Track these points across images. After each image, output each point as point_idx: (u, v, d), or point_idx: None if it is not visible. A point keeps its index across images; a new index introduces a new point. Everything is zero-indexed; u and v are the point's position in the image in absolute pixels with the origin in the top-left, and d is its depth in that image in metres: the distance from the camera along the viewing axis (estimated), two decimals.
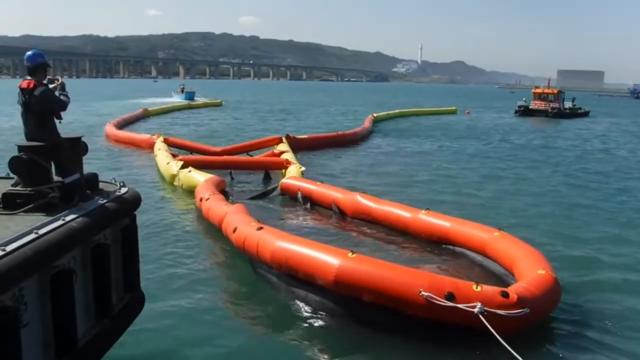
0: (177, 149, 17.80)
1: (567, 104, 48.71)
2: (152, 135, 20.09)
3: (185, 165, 13.55)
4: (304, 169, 13.84)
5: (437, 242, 8.46)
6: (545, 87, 51.36)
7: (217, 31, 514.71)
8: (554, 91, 49.25)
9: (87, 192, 4.27)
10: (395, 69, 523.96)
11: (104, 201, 4.20)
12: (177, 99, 54.30)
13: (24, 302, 3.04)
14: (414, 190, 13.62)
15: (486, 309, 5.23)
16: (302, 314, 6.16)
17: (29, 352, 3.06)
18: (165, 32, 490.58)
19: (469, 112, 49.59)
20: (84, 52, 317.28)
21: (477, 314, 5.22)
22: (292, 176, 12.63)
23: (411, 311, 5.54)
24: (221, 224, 8.41)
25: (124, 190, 4.62)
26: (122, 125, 27.01)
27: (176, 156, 15.21)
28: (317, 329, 5.89)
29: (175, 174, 13.40)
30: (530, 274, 6.12)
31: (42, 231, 3.22)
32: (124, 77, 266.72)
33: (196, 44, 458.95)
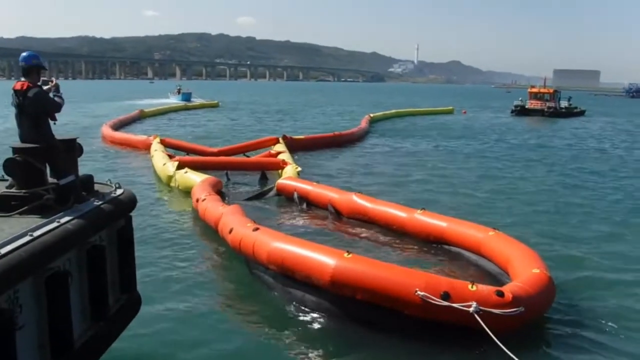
0: (174, 149, 17.78)
1: (563, 104, 48.84)
2: (149, 136, 20.09)
3: (181, 166, 13.54)
4: (300, 169, 13.86)
5: (432, 241, 8.49)
6: (541, 87, 51.46)
7: (214, 32, 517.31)
8: (550, 91, 49.38)
9: (83, 193, 4.26)
10: (391, 69, 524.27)
11: (100, 203, 4.18)
12: (173, 100, 54.04)
13: (19, 305, 3.03)
14: (410, 190, 13.65)
15: (481, 308, 5.26)
16: (299, 315, 6.17)
17: (25, 355, 3.05)
18: (161, 33, 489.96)
19: (465, 112, 49.69)
20: (80, 53, 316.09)
21: (472, 313, 5.25)
22: (289, 177, 12.64)
23: (407, 311, 5.56)
24: (217, 225, 8.41)
25: (119, 191, 4.60)
26: (119, 126, 26.98)
27: (172, 157, 15.20)
28: (314, 329, 5.91)
29: (171, 175, 13.39)
30: (525, 273, 6.16)
31: (37, 233, 3.21)
32: (120, 79, 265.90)
33: (192, 44, 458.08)
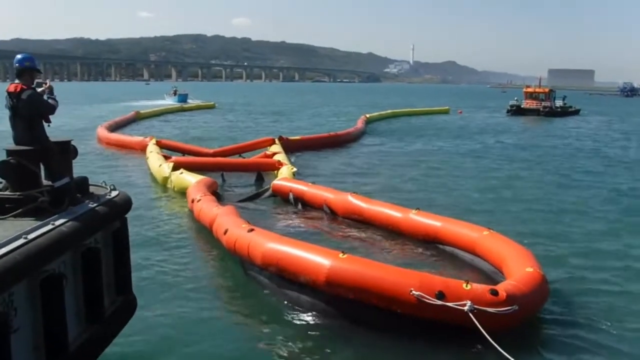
0: (170, 151, 17.77)
1: (558, 103, 49.08)
2: (145, 137, 20.05)
3: (177, 167, 13.54)
4: (295, 170, 13.87)
5: (427, 241, 8.53)
6: (536, 86, 51.69)
7: (209, 33, 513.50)
8: (545, 90, 49.59)
9: (77, 195, 4.25)
10: (387, 70, 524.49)
11: (94, 205, 4.17)
12: (169, 102, 53.84)
13: (13, 308, 3.02)
14: (405, 190, 13.69)
15: (476, 307, 5.30)
16: (294, 315, 6.19)
17: (20, 358, 3.04)
18: (157, 35, 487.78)
19: (461, 112, 49.79)
20: (75, 55, 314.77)
21: (467, 312, 5.29)
22: (284, 177, 12.65)
23: (402, 310, 5.59)
24: (212, 226, 8.42)
25: (114, 193, 4.59)
26: (114, 128, 26.91)
27: (168, 158, 15.19)
28: (309, 329, 5.92)
29: (167, 176, 13.38)
30: (518, 271, 6.21)
31: (31, 236, 3.20)
32: (115, 80, 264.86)
33: (188, 46, 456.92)
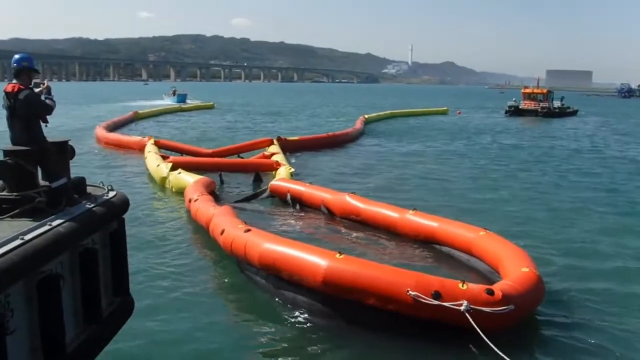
0: (168, 150, 17.78)
1: (556, 104, 49.20)
2: (143, 137, 20.06)
3: (175, 167, 13.54)
4: (293, 170, 13.89)
5: (424, 241, 8.56)
6: (534, 87, 51.80)
7: (208, 33, 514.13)
8: (544, 91, 49.72)
9: (75, 196, 4.25)
10: (385, 70, 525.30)
11: (92, 205, 4.15)
12: (168, 102, 53.76)
13: (10, 309, 2.99)
14: (403, 190, 13.71)
15: (472, 307, 5.32)
16: (291, 315, 6.21)
17: (16, 359, 3.05)
18: (155, 35, 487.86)
19: (460, 113, 49.88)
20: (73, 55, 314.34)
21: (463, 311, 5.31)
22: (282, 178, 12.66)
23: (399, 310, 5.61)
24: (209, 226, 8.43)
25: (112, 194, 4.57)
26: (113, 128, 26.89)
27: (166, 158, 15.19)
28: (306, 329, 5.94)
29: (165, 176, 13.38)
30: (514, 271, 6.23)
31: (28, 237, 3.18)
32: (114, 80, 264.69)
33: (187, 46, 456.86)
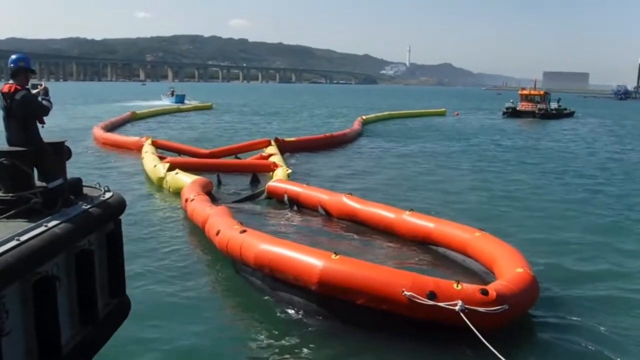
0: (166, 151, 17.78)
1: (553, 105, 49.39)
2: (141, 137, 20.06)
3: (172, 167, 13.55)
4: (290, 171, 13.91)
5: (420, 242, 8.59)
6: (531, 89, 51.93)
7: (206, 34, 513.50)
8: (541, 92, 49.89)
9: (71, 197, 4.26)
10: (383, 71, 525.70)
11: (88, 206, 4.15)
12: (166, 102, 53.69)
13: (5, 310, 2.97)
14: (400, 191, 13.75)
15: (467, 307, 5.36)
16: (287, 316, 6.23)
17: None
18: (153, 35, 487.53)
19: (457, 114, 49.96)
20: (71, 55, 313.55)
21: (458, 311, 5.34)
22: (279, 179, 12.67)
23: (394, 310, 5.64)
24: (204, 226, 8.44)
25: (108, 195, 4.57)
26: (110, 128, 26.88)
27: (164, 158, 15.19)
28: (302, 330, 5.96)
29: (162, 176, 13.39)
30: (509, 272, 6.28)
31: (23, 238, 3.17)
32: (111, 80, 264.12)
33: (185, 46, 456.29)
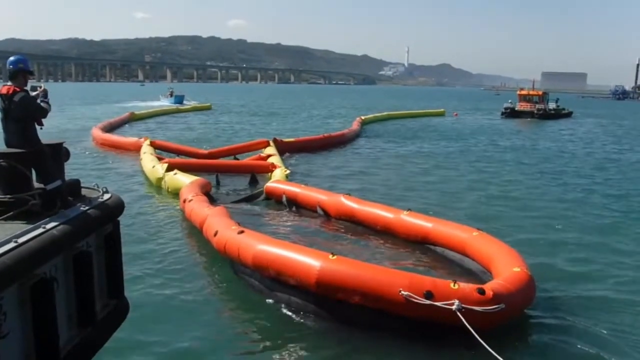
0: (164, 151, 17.78)
1: (551, 105, 49.51)
2: (139, 138, 20.06)
3: (170, 168, 13.55)
4: (288, 172, 13.92)
5: (418, 242, 8.62)
6: (530, 89, 52.06)
7: (205, 35, 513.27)
8: (539, 93, 50.00)
9: (69, 198, 4.27)
10: (382, 72, 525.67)
11: (86, 208, 4.15)
12: (165, 103, 53.64)
13: (3, 312, 2.96)
14: (398, 191, 13.78)
15: (464, 306, 5.39)
16: (285, 316, 6.25)
17: None
18: (152, 36, 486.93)
19: (456, 114, 50.02)
20: (69, 55, 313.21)
21: (455, 311, 5.37)
22: (277, 180, 12.69)
23: (392, 310, 5.67)
24: (202, 227, 8.46)
25: (106, 196, 4.56)
26: (109, 129, 26.84)
27: (162, 159, 15.20)
28: (300, 330, 5.98)
29: (161, 177, 13.40)
30: (506, 271, 6.31)
31: (21, 239, 3.16)
32: (110, 81, 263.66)
33: (183, 47, 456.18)
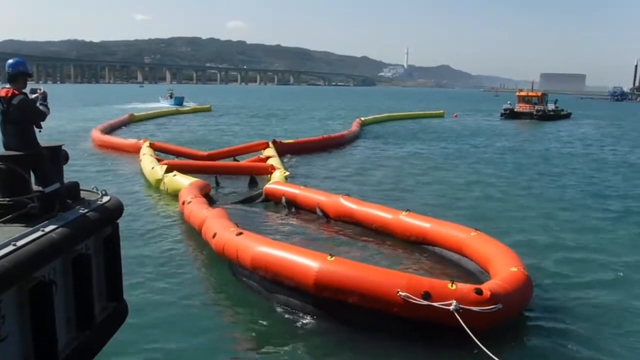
0: (164, 153, 17.79)
1: (550, 106, 49.59)
2: (139, 140, 20.08)
3: (170, 169, 13.57)
4: (287, 173, 13.94)
5: (417, 242, 8.65)
6: (529, 90, 52.12)
7: (204, 36, 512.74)
8: (538, 94, 50.07)
9: (68, 201, 4.28)
10: (381, 73, 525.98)
11: (85, 211, 4.14)
12: (165, 104, 53.60)
13: (2, 315, 2.97)
14: (397, 191, 13.81)
15: (461, 306, 5.41)
16: (283, 318, 6.27)
17: None
18: (151, 37, 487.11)
19: (456, 116, 50.08)
20: (69, 57, 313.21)
21: (452, 311, 5.39)
22: (276, 181, 12.71)
23: (390, 311, 5.69)
24: (201, 228, 8.47)
25: (105, 198, 4.56)
26: (109, 130, 26.83)
27: (161, 161, 15.21)
28: (298, 331, 6.00)
29: (160, 178, 13.41)
30: (503, 271, 6.34)
31: (20, 242, 3.17)
32: (109, 82, 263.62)
33: (183, 49, 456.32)
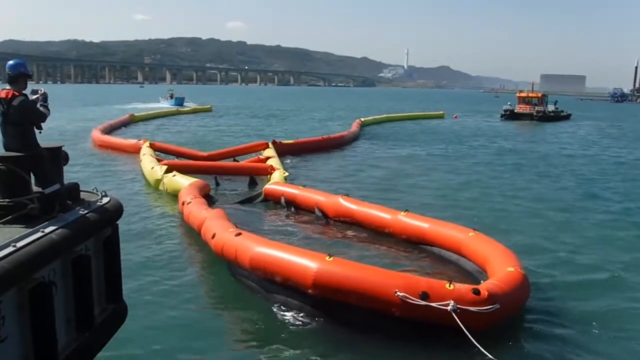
0: (163, 153, 17.81)
1: (550, 107, 49.62)
2: (139, 140, 20.09)
3: (169, 169, 13.58)
4: (287, 174, 13.96)
5: (415, 242, 8.69)
6: (529, 91, 52.13)
7: (204, 36, 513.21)
8: (538, 95, 50.06)
9: (68, 202, 4.30)
10: (381, 74, 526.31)
11: (85, 212, 4.16)
12: (165, 105, 53.61)
13: (1, 316, 2.98)
14: (396, 192, 13.83)
15: (459, 307, 5.44)
16: (282, 318, 6.29)
17: None
18: (152, 37, 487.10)
19: (456, 117, 50.09)
20: (69, 57, 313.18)
21: (450, 311, 5.42)
22: (276, 181, 12.74)
23: (388, 311, 5.71)
24: (201, 229, 8.50)
25: (105, 200, 4.57)
26: (109, 130, 26.86)
27: (161, 161, 15.23)
28: (297, 331, 6.03)
29: (159, 178, 13.43)
30: (501, 271, 6.37)
31: (20, 244, 3.18)
32: (109, 83, 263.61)
33: (183, 49, 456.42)
